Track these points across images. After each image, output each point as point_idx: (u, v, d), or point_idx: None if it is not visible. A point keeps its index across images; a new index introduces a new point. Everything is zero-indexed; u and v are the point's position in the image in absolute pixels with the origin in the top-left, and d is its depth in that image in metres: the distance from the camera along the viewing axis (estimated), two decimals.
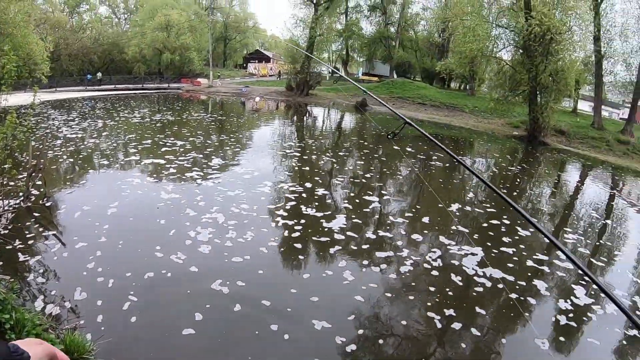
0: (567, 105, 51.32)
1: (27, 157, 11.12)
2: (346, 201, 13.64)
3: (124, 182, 13.59)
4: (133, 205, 11.47)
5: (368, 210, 12.74)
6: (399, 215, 12.73)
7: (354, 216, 12.05)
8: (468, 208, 14.24)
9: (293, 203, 12.66)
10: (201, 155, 17.93)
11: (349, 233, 10.64)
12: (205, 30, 71.72)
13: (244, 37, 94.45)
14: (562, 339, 7.40)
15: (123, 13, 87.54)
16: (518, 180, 20.86)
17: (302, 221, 11.22)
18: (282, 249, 9.58)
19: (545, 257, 10.55)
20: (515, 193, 17.21)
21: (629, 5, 41.89)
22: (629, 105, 45.03)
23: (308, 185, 14.66)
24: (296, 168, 17.78)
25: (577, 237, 12.94)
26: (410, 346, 6.79)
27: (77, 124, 24.57)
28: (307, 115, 41.05)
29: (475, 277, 9.04)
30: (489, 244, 10.94)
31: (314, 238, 10.25)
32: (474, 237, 11.52)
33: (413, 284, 8.66)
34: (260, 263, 8.73)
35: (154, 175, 14.70)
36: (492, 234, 11.78)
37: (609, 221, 16.07)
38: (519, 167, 24.78)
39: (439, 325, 7.22)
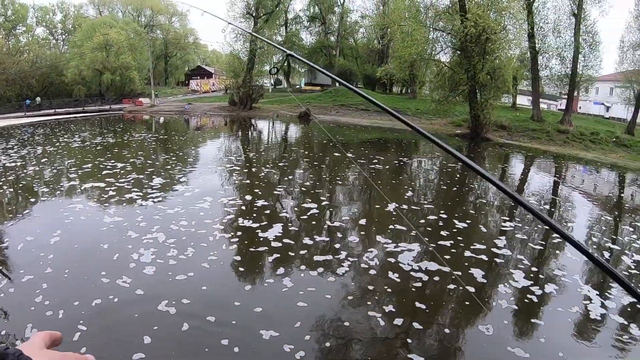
0: (506, 101, 52.91)
1: None
2: (285, 210, 13.64)
3: (67, 209, 13.12)
4: (76, 232, 11.11)
5: (306, 217, 12.66)
6: (337, 220, 12.75)
7: (290, 224, 12.02)
8: (405, 206, 14.47)
9: (231, 216, 12.54)
10: (142, 176, 17.45)
11: (285, 240, 10.57)
12: (145, 49, 70.85)
13: (184, 53, 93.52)
14: (505, 322, 7.54)
15: (61, 34, 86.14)
16: (463, 176, 21.23)
17: (239, 233, 11.12)
18: (222, 263, 9.44)
19: (483, 246, 10.77)
20: (455, 188, 17.50)
21: (560, 2, 43.47)
22: (566, 97, 46.86)
23: (248, 197, 14.55)
24: (237, 182, 17.64)
25: (514, 225, 13.36)
26: (356, 347, 6.77)
27: (15, 152, 23.84)
28: (252, 129, 40.95)
29: (412, 272, 9.12)
30: (427, 239, 11.13)
31: (251, 249, 10.16)
32: (412, 233, 11.67)
33: (352, 284, 8.68)
34: (202, 279, 8.57)
35: (96, 200, 14.30)
36: (430, 229, 11.99)
37: (547, 206, 16.65)
38: (463, 166, 25.22)
39: (381, 323, 7.22)
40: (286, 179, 18.35)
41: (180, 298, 7.73)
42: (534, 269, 9.75)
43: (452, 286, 8.60)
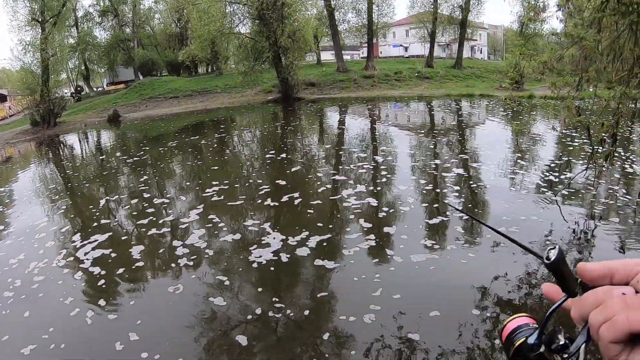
0: (311, 59, 54.71)
1: None
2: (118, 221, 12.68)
3: None
4: None
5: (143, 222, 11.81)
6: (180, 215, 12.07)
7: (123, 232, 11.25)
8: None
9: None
10: None
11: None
12: None
13: None
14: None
15: None
16: (292, 138, 21.55)
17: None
18: None
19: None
20: (280, 151, 17.58)
21: None
22: (367, 45, 50.28)
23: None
24: (60, 208, 16.18)
25: (353, 167, 14.05)
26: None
27: None
28: (62, 147, 37.77)
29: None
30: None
31: None
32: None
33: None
34: None
35: None
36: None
37: (371, 147, 17.50)
38: (286, 127, 25.75)
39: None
40: (111, 190, 17.05)
41: None
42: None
43: None
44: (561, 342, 0.93)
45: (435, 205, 10.03)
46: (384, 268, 7.28)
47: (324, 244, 8.31)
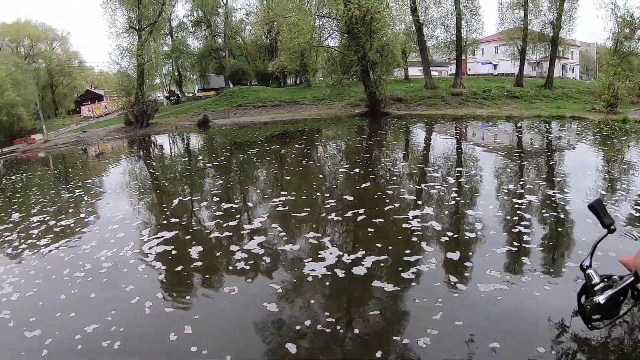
0: (398, 75, 54.77)
1: None
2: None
3: None
4: None
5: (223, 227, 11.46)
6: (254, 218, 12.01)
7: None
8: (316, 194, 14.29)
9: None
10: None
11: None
12: (29, 81, 66.83)
13: (71, 79, 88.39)
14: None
15: None
16: (371, 153, 21.48)
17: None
18: None
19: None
20: (355, 165, 17.51)
21: None
22: (455, 62, 49.82)
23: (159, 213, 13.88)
24: (147, 202, 16.57)
25: (424, 187, 13.71)
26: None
27: None
28: (151, 146, 39.05)
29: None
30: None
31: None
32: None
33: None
34: None
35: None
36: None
37: (454, 167, 17.19)
38: (368, 141, 25.75)
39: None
40: (186, 191, 17.22)
41: None
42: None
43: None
44: (607, 273, 1.83)
45: (504, 234, 9.52)
46: (446, 294, 6.97)
47: (381, 264, 8.15)
